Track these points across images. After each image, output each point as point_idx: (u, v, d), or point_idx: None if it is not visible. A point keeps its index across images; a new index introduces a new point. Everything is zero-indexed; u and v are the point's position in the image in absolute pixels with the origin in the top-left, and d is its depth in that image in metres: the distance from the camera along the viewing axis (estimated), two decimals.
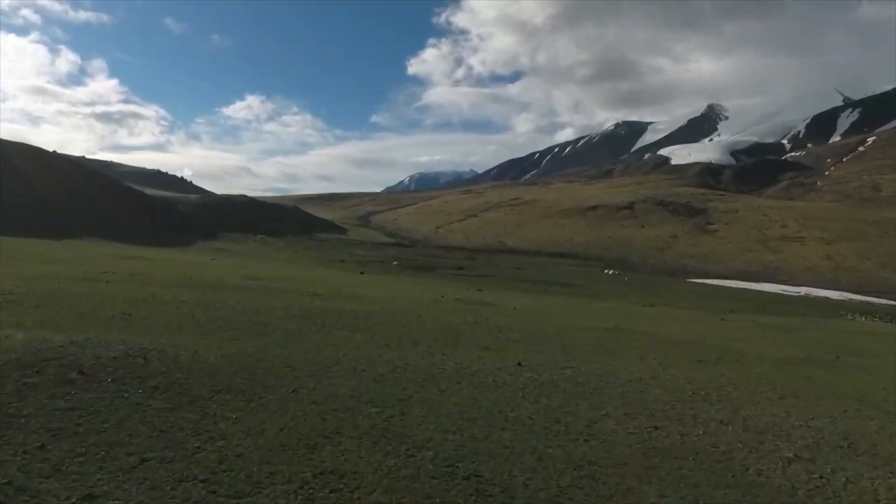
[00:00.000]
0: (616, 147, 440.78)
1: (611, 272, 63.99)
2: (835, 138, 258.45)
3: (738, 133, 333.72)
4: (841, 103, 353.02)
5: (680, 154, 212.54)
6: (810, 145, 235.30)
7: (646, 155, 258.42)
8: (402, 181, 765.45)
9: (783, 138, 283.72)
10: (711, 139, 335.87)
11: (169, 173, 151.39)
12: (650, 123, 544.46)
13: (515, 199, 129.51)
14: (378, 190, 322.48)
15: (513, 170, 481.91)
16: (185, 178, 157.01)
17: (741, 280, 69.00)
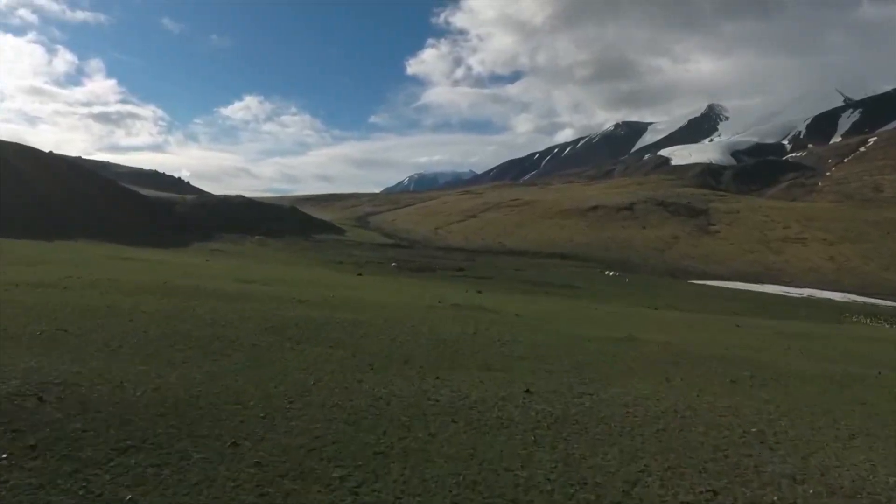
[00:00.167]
0: (616, 147, 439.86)
1: (611, 273, 63.00)
2: (835, 139, 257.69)
3: (739, 133, 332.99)
4: (842, 104, 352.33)
5: (680, 154, 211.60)
6: (811, 146, 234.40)
7: (646, 155, 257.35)
8: (402, 182, 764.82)
9: (784, 139, 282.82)
10: (712, 139, 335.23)
11: (166, 174, 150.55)
12: (650, 124, 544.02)
13: (515, 200, 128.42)
14: (377, 190, 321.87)
15: (512, 170, 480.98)
16: (183, 179, 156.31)
17: (743, 281, 68.08)
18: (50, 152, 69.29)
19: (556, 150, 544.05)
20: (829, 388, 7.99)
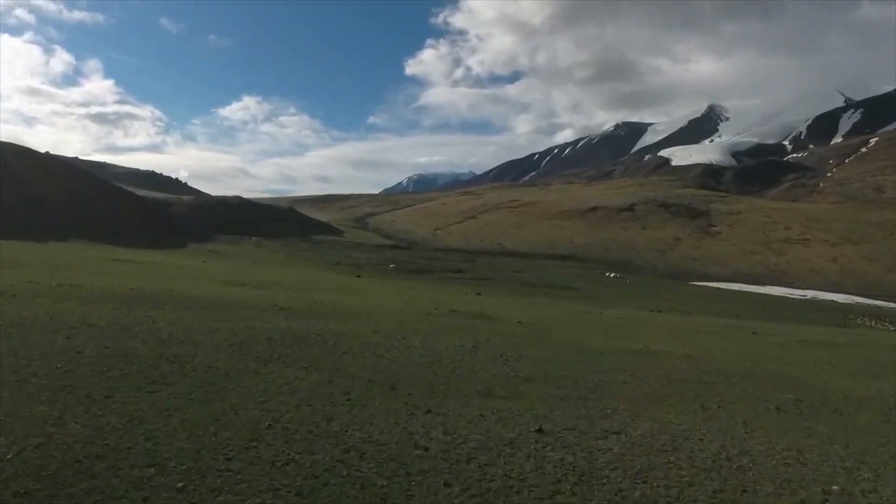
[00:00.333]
0: (616, 148, 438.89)
1: (612, 275, 62.02)
2: (836, 139, 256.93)
3: (739, 134, 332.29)
4: (842, 104, 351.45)
5: (680, 155, 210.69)
6: (812, 146, 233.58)
7: (646, 156, 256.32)
8: (400, 182, 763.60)
9: (784, 139, 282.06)
10: (712, 140, 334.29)
11: (163, 174, 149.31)
12: (650, 124, 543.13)
13: (514, 201, 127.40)
14: (376, 191, 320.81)
15: (512, 171, 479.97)
16: (180, 180, 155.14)
17: (745, 283, 67.11)
18: (46, 153, 68.32)
19: (556, 151, 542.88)
20: (892, 415, 6.82)
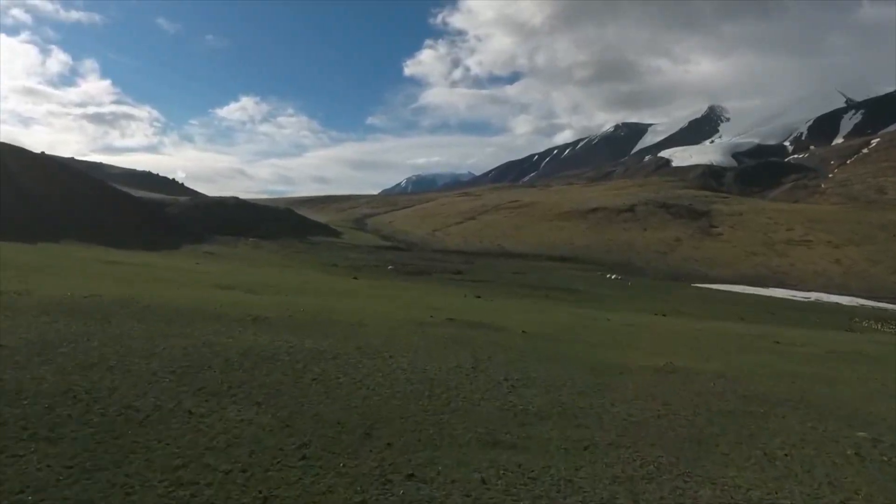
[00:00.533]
0: (616, 149, 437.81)
1: (613, 277, 60.95)
2: (837, 140, 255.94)
3: (740, 135, 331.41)
4: (843, 105, 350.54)
5: (681, 156, 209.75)
6: (813, 147, 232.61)
7: (646, 157, 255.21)
8: (399, 183, 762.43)
9: (785, 140, 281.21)
10: (713, 141, 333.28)
11: (160, 175, 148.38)
12: (650, 125, 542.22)
13: (514, 202, 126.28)
14: (374, 192, 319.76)
15: (511, 172, 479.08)
16: (177, 180, 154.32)
17: (748, 285, 66.06)
18: (42, 153, 67.31)
19: (556, 152, 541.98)
20: None
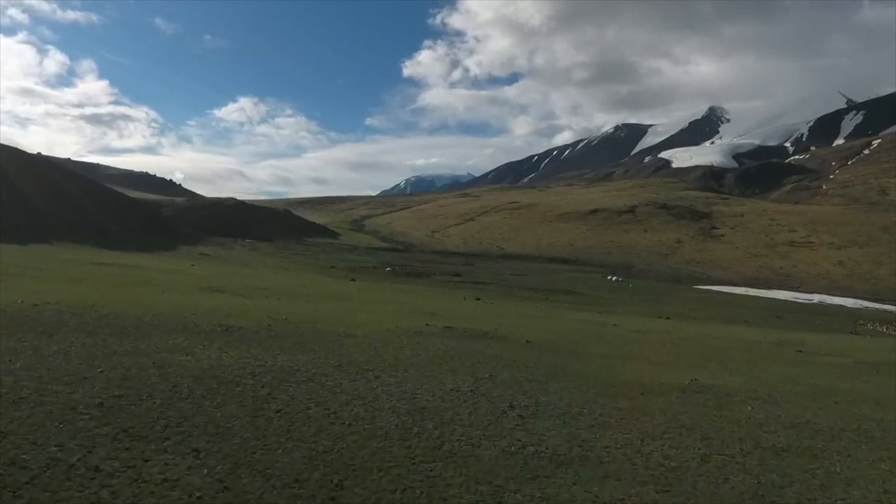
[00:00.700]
0: (616, 150, 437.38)
1: (614, 279, 60.74)
2: (838, 141, 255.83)
3: (740, 136, 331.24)
4: (844, 106, 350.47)
5: (681, 157, 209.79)
6: (814, 148, 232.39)
7: (646, 158, 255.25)
8: (398, 184, 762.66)
9: (786, 141, 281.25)
10: (713, 142, 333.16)
11: (158, 176, 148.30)
12: (650, 126, 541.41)
13: (513, 203, 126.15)
14: (373, 193, 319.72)
15: (510, 173, 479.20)
16: (175, 181, 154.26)
17: (751, 287, 65.84)
18: (38, 154, 67.46)
19: (555, 153, 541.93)
20: None
